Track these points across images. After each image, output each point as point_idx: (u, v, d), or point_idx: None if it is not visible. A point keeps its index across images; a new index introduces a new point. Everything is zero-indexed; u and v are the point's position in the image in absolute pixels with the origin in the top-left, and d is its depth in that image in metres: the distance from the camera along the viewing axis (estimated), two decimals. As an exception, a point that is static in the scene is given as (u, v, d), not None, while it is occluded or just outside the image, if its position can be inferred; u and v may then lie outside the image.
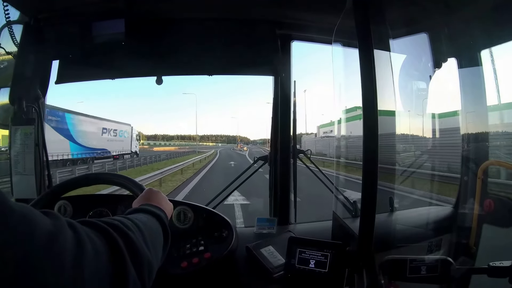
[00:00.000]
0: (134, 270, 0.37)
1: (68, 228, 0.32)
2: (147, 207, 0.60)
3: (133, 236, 0.41)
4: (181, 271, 0.95)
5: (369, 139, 0.76)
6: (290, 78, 1.36)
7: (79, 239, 0.32)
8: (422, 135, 1.59)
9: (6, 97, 1.14)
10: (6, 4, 1.06)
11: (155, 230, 0.52)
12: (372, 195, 0.78)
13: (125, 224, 0.42)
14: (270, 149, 1.47)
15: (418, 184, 1.60)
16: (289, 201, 1.41)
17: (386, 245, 0.99)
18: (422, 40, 1.24)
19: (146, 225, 0.49)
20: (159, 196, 0.69)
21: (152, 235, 0.49)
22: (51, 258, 0.29)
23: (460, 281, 0.80)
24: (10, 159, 1.16)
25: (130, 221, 0.45)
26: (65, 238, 0.31)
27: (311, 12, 1.22)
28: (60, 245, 0.30)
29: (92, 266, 0.32)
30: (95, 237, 0.35)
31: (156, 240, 0.51)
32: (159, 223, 0.56)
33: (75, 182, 0.91)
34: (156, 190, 0.72)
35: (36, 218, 0.30)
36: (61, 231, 0.31)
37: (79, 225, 0.34)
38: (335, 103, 1.10)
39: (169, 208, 0.68)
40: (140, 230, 0.45)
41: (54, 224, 0.31)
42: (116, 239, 0.37)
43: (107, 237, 0.37)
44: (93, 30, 1.16)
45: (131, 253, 0.38)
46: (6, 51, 1.12)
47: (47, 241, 0.29)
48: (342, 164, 1.45)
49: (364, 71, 0.76)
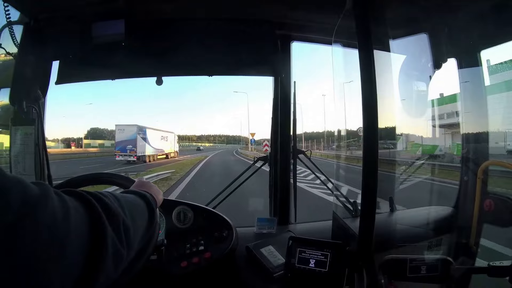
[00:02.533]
0: (111, 228, 0.43)
1: (54, 195, 0.37)
2: (134, 189, 0.65)
3: (107, 200, 0.47)
4: (181, 271, 0.96)
5: (369, 139, 0.76)
6: (290, 78, 1.36)
7: (63, 202, 0.38)
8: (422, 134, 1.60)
9: (6, 97, 1.14)
10: (7, 5, 1.06)
11: (136, 205, 0.57)
12: (372, 195, 0.78)
13: (104, 194, 0.48)
14: (270, 149, 1.47)
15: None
16: (289, 201, 1.41)
17: (386, 245, 0.99)
18: (422, 40, 1.24)
19: (126, 199, 0.54)
20: (149, 185, 0.73)
21: (129, 204, 0.53)
22: (44, 213, 0.33)
23: (460, 281, 0.81)
24: (10, 159, 1.16)
25: (110, 194, 0.51)
26: (52, 199, 0.36)
27: (311, 12, 1.22)
28: (49, 204, 0.35)
29: (75, 222, 0.37)
30: (77, 203, 0.41)
31: (135, 209, 0.55)
32: (144, 202, 0.60)
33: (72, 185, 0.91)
34: (146, 181, 0.75)
35: (27, 182, 0.34)
36: (48, 194, 0.36)
37: (62, 193, 0.40)
38: (335, 103, 1.10)
39: (159, 197, 0.71)
40: (118, 200, 0.50)
41: (42, 188, 0.36)
42: (93, 202, 0.43)
43: (86, 202, 0.42)
44: (93, 31, 1.16)
45: (106, 213, 0.43)
46: (6, 52, 1.12)
47: (38, 198, 0.34)
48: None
49: (364, 71, 0.76)
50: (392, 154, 1.58)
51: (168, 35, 1.25)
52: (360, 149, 0.83)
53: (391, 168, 1.52)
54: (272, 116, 1.41)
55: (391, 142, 1.29)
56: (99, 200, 0.45)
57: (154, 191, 0.70)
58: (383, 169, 0.81)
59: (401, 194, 1.48)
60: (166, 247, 0.86)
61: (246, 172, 1.46)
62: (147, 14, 1.23)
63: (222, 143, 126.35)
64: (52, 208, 0.35)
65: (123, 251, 0.45)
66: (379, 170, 0.76)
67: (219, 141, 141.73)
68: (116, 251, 0.43)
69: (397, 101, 1.16)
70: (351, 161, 3.52)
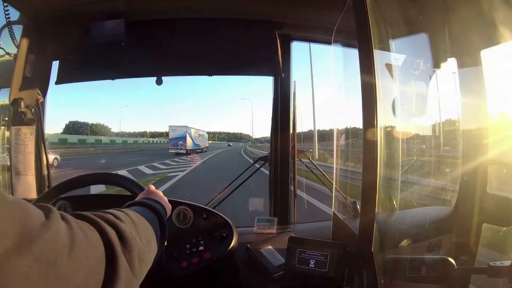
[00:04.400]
0: (125, 259, 0.39)
1: (61, 220, 0.33)
2: (145, 200, 0.61)
3: (124, 226, 0.42)
4: (181, 271, 0.96)
5: (369, 139, 0.76)
6: (290, 78, 1.36)
7: (72, 230, 0.33)
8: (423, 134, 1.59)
9: (6, 97, 1.14)
10: (6, 4, 1.06)
11: (149, 222, 0.53)
12: (372, 195, 0.78)
13: (117, 216, 0.43)
14: (270, 149, 1.47)
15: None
16: (289, 201, 1.41)
17: (386, 245, 0.99)
18: (422, 40, 1.24)
19: (139, 216, 0.50)
20: (159, 195, 0.71)
21: (145, 226, 0.50)
22: (44, 248, 0.28)
23: (460, 281, 0.80)
24: (10, 159, 1.16)
25: (122, 213, 0.46)
26: (57, 228, 0.31)
27: (311, 12, 1.22)
28: (52, 235, 0.30)
29: (84, 257, 0.33)
30: (88, 229, 0.36)
31: (150, 231, 0.52)
32: (155, 216, 0.57)
33: (75, 182, 0.91)
34: (156, 190, 0.73)
35: (29, 208, 0.30)
36: (53, 222, 0.31)
37: (71, 218, 0.35)
38: (335, 103, 1.10)
39: (168, 207, 0.69)
40: (132, 221, 0.46)
41: (46, 215, 0.31)
42: (106, 231, 0.38)
43: (98, 229, 0.37)
44: (93, 30, 1.16)
45: (122, 243, 0.39)
46: (6, 52, 1.12)
47: (39, 229, 0.29)
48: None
49: (364, 71, 0.76)
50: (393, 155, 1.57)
51: (168, 34, 1.25)
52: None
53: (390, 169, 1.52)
54: (272, 115, 1.41)
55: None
56: (115, 226, 0.40)
57: (164, 202, 0.68)
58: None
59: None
60: (166, 247, 0.86)
61: (246, 172, 1.46)
62: (147, 13, 1.23)
63: (222, 140, 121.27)
64: (56, 241, 0.30)
65: (135, 280, 0.41)
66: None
67: (219, 139, 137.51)
68: (128, 283, 0.39)
69: (397, 100, 1.16)
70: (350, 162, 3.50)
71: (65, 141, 38.36)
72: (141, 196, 0.70)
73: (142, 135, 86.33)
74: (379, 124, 0.75)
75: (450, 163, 2.26)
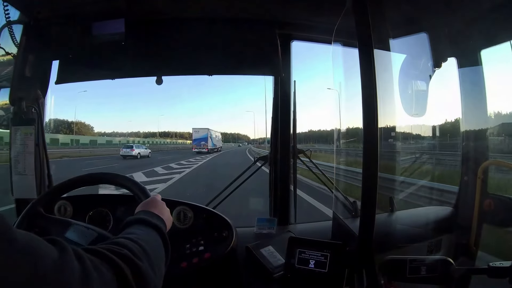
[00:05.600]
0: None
1: (75, 259, 0.32)
2: (150, 219, 0.59)
3: (141, 264, 0.41)
4: (181, 271, 0.95)
5: (369, 139, 0.76)
6: (290, 78, 1.36)
7: (86, 271, 0.32)
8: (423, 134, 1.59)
9: (6, 97, 1.14)
10: (6, 4, 1.06)
11: (158, 248, 0.53)
12: (372, 195, 0.78)
13: (133, 251, 0.42)
14: (270, 149, 1.47)
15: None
16: (289, 201, 1.41)
17: (386, 245, 0.99)
18: (422, 40, 1.24)
19: (150, 245, 0.49)
20: (162, 207, 0.69)
21: (156, 255, 0.49)
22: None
23: (460, 282, 0.80)
24: (10, 159, 1.16)
25: (137, 245, 0.45)
26: (71, 270, 0.30)
27: (311, 12, 1.22)
28: (66, 277, 0.29)
29: None
30: (103, 268, 0.35)
31: (160, 257, 0.51)
32: (161, 238, 0.56)
33: (75, 182, 0.91)
34: (159, 200, 0.71)
35: (41, 249, 0.29)
36: (67, 263, 0.30)
37: (86, 255, 0.34)
38: (335, 103, 1.10)
39: (169, 221, 0.68)
40: (146, 255, 0.45)
41: (60, 255, 0.30)
42: (123, 270, 0.37)
43: (114, 268, 0.36)
44: (93, 30, 1.16)
45: (137, 281, 0.38)
46: (6, 51, 1.12)
47: (51, 273, 0.28)
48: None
49: (364, 71, 0.76)
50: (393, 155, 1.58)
51: (168, 34, 1.25)
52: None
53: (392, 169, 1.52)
54: (272, 115, 1.41)
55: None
56: (130, 263, 0.39)
57: (166, 216, 0.67)
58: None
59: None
60: None
61: (246, 172, 1.46)
62: (147, 13, 1.23)
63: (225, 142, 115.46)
64: (70, 282, 0.29)
65: None
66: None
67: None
68: None
69: (397, 100, 1.16)
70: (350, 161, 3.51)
71: (57, 142, 34.01)
72: (144, 207, 0.67)
73: (134, 135, 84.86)
74: (379, 124, 0.75)
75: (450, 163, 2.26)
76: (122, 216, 1.08)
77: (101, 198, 1.17)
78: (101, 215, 1.11)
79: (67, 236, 0.71)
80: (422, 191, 1.86)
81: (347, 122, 1.16)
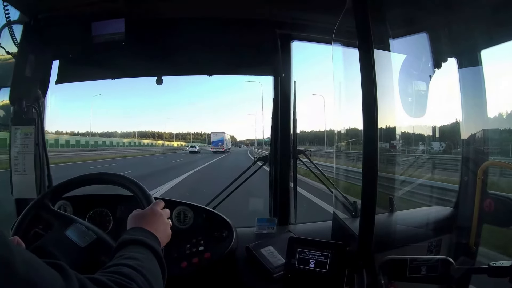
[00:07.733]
0: None
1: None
2: (148, 241, 0.57)
3: None
4: (181, 271, 0.95)
5: (369, 139, 0.76)
6: (290, 78, 1.36)
7: None
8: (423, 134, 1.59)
9: (6, 97, 1.14)
10: (6, 4, 1.06)
11: (158, 276, 0.52)
12: (372, 195, 0.78)
13: (136, 281, 0.42)
14: (270, 149, 1.47)
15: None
16: (289, 201, 1.41)
17: (386, 245, 0.99)
18: (422, 40, 1.24)
19: (152, 272, 0.49)
20: (160, 221, 0.67)
21: (157, 284, 0.49)
22: None
23: (460, 281, 0.80)
24: (10, 159, 1.16)
25: (141, 276, 0.45)
26: None
27: (311, 12, 1.22)
28: None
29: None
30: None
31: (158, 283, 0.51)
32: (158, 264, 0.55)
33: (75, 182, 0.90)
34: (158, 212, 0.68)
35: (44, 277, 0.28)
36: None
37: (90, 285, 0.34)
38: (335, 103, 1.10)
39: (168, 236, 0.68)
40: (144, 279, 0.45)
41: (63, 283, 0.30)
42: None
43: None
44: (93, 30, 1.16)
45: None
46: (6, 51, 1.12)
47: None
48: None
49: (364, 71, 0.76)
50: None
51: (168, 34, 1.25)
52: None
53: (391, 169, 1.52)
54: (272, 115, 1.41)
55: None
56: None
57: (162, 230, 0.65)
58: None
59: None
60: (166, 247, 0.86)
61: (246, 173, 1.46)
62: (147, 13, 1.23)
63: (202, 142, 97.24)
64: None
65: None
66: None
67: (201, 140, 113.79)
68: None
69: (397, 100, 1.16)
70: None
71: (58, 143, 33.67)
72: (140, 222, 0.64)
73: (128, 136, 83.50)
74: (379, 124, 0.75)
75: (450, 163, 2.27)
76: (122, 216, 1.08)
77: (101, 198, 1.17)
78: (101, 215, 1.11)
79: (67, 234, 0.71)
80: (422, 190, 1.87)
81: (347, 122, 1.16)
